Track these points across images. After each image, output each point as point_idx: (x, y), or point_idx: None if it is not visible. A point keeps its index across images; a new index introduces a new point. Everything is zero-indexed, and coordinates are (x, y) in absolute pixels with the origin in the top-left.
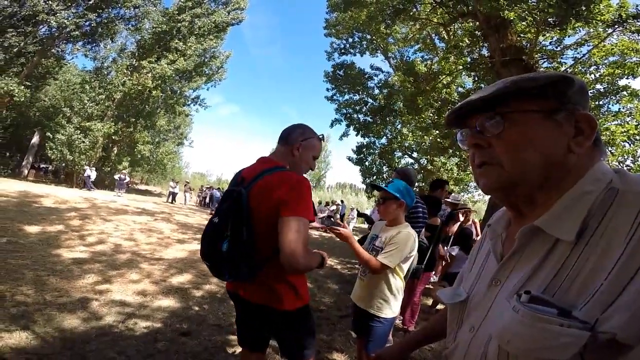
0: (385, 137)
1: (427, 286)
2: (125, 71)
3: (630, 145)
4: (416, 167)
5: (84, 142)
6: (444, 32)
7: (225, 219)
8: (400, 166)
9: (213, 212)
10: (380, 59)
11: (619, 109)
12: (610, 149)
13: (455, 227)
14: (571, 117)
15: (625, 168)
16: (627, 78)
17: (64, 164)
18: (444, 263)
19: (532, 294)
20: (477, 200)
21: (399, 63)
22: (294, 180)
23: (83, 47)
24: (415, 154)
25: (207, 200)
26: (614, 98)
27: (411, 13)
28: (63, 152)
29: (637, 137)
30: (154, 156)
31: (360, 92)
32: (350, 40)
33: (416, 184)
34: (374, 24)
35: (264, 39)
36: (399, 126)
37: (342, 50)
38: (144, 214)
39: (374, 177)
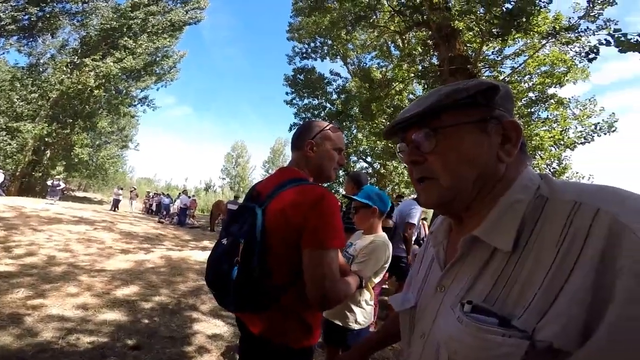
0: None
1: (384, 286)
2: (65, 69)
3: (555, 149)
4: (370, 171)
5: (10, 144)
6: (399, 40)
7: (236, 242)
8: (355, 170)
9: (162, 219)
10: (339, 65)
11: (547, 115)
12: (539, 152)
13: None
14: (499, 125)
15: (551, 170)
16: (554, 87)
17: None
18: None
19: (474, 303)
20: None
21: (356, 69)
22: (313, 197)
23: (17, 42)
24: (369, 159)
25: (155, 207)
26: (543, 105)
27: (371, 20)
28: None
29: (562, 142)
30: (93, 160)
31: (319, 97)
32: (312, 44)
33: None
34: (335, 30)
35: (224, 39)
36: (354, 131)
37: (304, 55)
38: (81, 222)
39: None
